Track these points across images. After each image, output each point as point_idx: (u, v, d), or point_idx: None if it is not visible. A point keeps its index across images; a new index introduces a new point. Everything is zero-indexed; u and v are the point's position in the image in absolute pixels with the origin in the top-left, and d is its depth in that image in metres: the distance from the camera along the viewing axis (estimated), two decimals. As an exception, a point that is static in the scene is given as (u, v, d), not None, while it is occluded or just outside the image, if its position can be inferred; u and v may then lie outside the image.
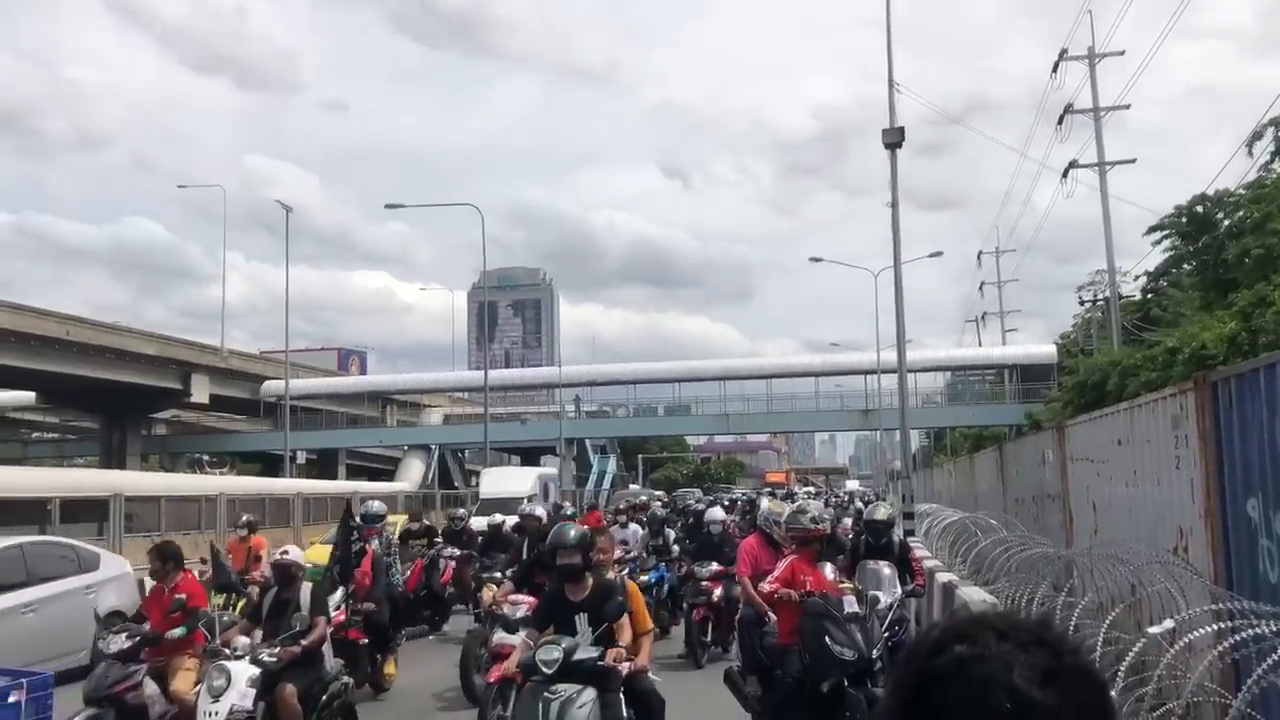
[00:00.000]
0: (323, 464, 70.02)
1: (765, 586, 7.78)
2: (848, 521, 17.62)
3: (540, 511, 13.26)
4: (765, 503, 12.08)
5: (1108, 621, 6.20)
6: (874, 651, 7.11)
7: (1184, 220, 31.29)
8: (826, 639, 7.00)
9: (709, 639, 12.44)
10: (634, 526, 15.88)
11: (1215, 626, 4.80)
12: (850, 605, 7.30)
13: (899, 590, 9.29)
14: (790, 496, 39.82)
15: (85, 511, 22.67)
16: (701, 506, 16.26)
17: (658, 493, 47.35)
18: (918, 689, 1.15)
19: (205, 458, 79.80)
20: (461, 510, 20.67)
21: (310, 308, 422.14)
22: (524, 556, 11.31)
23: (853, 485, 75.63)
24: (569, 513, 16.53)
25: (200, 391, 62.73)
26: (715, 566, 12.83)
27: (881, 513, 10.51)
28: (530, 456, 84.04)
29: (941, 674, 1.13)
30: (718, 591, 12.47)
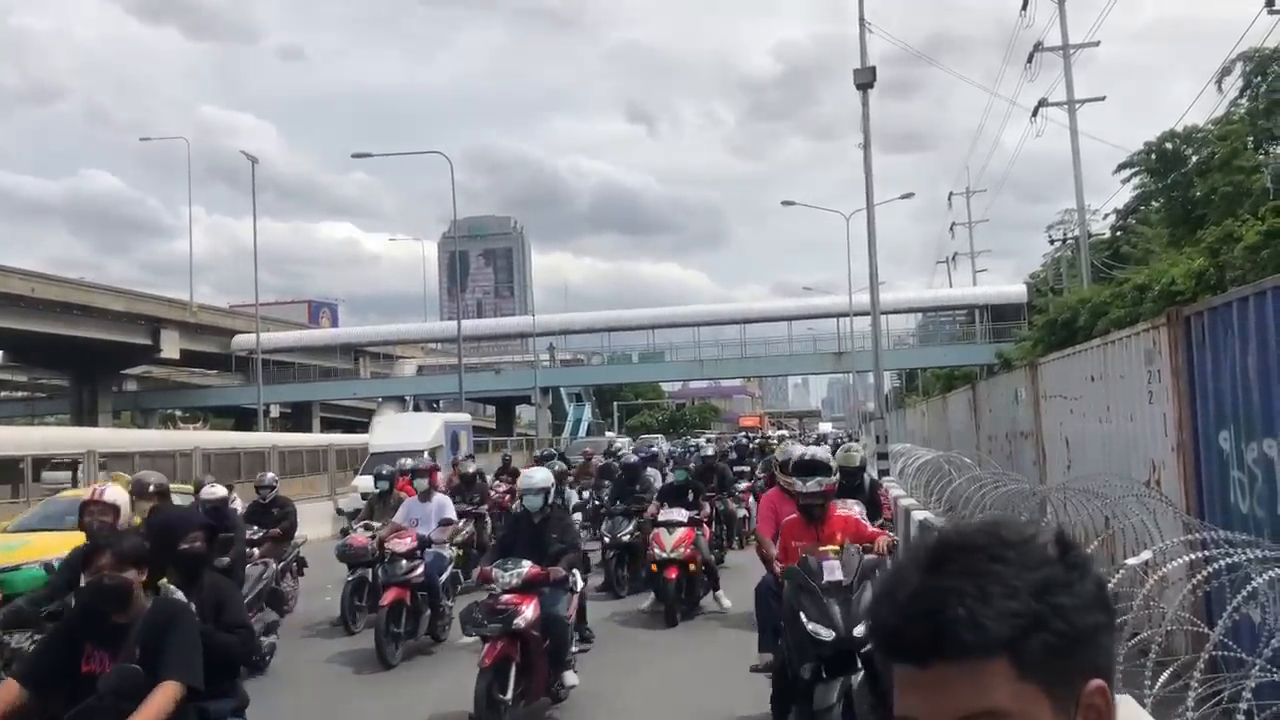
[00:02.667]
0: (296, 417, 69.74)
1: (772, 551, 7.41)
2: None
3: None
4: (791, 446, 12.18)
5: (1084, 555, 6.27)
6: (858, 629, 5.69)
7: (1153, 157, 31.43)
8: (802, 615, 5.92)
9: (626, 574, 13.03)
10: (652, 470, 16.23)
11: (1190, 557, 4.88)
12: (832, 572, 6.06)
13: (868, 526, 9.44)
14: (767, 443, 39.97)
15: (59, 469, 22.56)
16: (636, 458, 15.51)
17: (619, 440, 47.36)
18: (911, 596, 1.07)
19: (178, 413, 79.35)
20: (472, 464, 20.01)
21: (276, 260, 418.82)
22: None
23: (826, 428, 76.11)
24: (471, 469, 16.24)
25: (170, 347, 62.17)
26: (621, 506, 13.53)
27: (853, 458, 10.37)
28: (505, 406, 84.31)
29: (936, 585, 1.06)
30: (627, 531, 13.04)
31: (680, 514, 11.57)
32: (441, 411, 38.09)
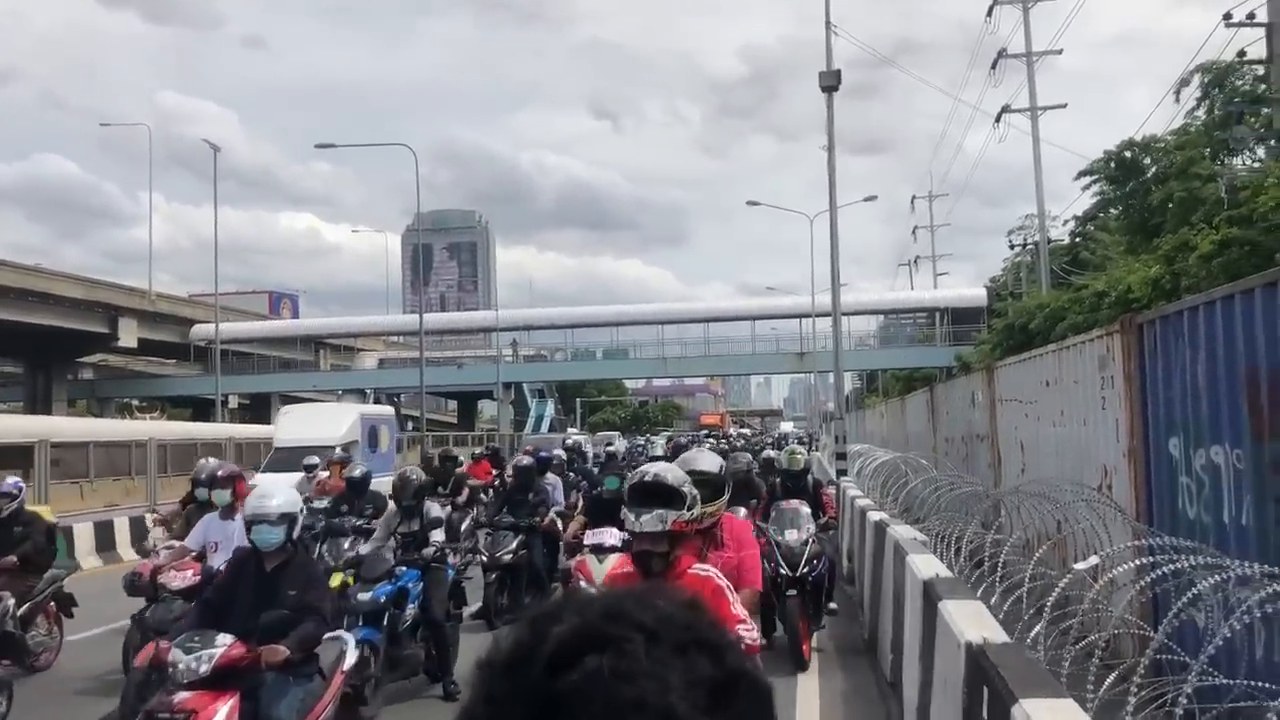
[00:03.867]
0: (255, 408, 69.06)
1: None
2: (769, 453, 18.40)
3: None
4: (774, 452, 12.27)
5: (1035, 558, 6.37)
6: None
7: (1112, 166, 31.79)
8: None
9: (506, 600, 11.18)
10: (552, 477, 13.63)
11: (1137, 562, 4.96)
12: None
13: (813, 526, 9.44)
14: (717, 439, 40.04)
15: (10, 458, 22.18)
16: (529, 460, 13.17)
17: (577, 434, 47.30)
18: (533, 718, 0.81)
19: (134, 402, 78.36)
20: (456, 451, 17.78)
21: (236, 249, 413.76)
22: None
23: (787, 427, 76.60)
24: (359, 473, 12.28)
25: (128, 335, 61.32)
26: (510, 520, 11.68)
27: (796, 461, 10.52)
28: (467, 401, 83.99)
29: (570, 697, 0.79)
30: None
31: (612, 535, 8.72)
32: (372, 405, 33.14)
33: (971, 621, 4.63)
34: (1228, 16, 18.41)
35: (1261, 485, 5.92)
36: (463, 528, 13.15)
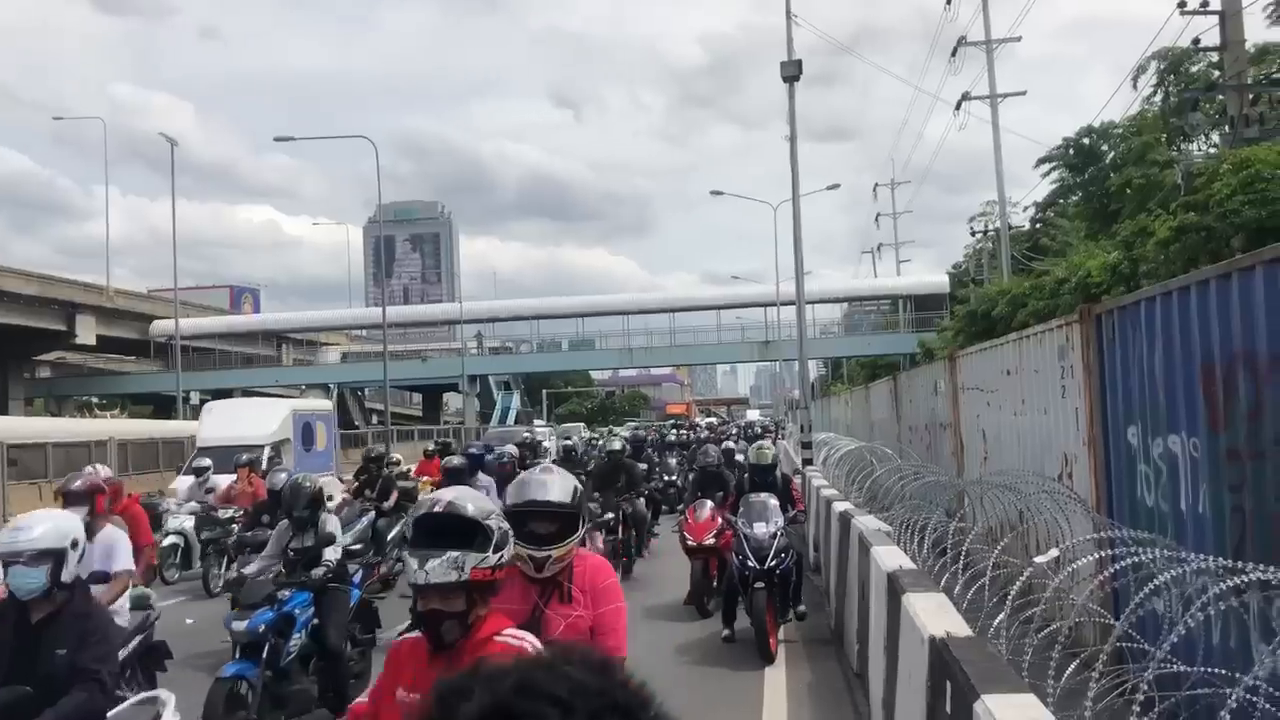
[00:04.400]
0: (217, 405, 68.32)
1: None
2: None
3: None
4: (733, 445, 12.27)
5: (999, 548, 6.43)
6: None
7: (1071, 152, 32.15)
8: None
9: None
10: (485, 478, 12.18)
11: (1098, 555, 5.01)
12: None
13: (781, 519, 9.50)
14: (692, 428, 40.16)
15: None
16: (457, 462, 11.88)
17: (542, 426, 47.10)
18: None
19: (94, 400, 77.35)
20: (396, 455, 17.39)
21: (195, 244, 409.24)
22: None
23: (753, 415, 76.81)
24: (282, 481, 9.82)
25: (86, 332, 60.48)
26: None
27: (765, 455, 10.64)
28: (432, 394, 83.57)
29: None
30: None
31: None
32: (308, 398, 28.14)
33: (935, 615, 4.66)
34: (1182, 4, 18.57)
35: (1217, 474, 6.00)
36: (390, 536, 12.66)
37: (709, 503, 11.47)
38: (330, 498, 10.82)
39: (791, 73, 19.69)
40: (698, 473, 13.17)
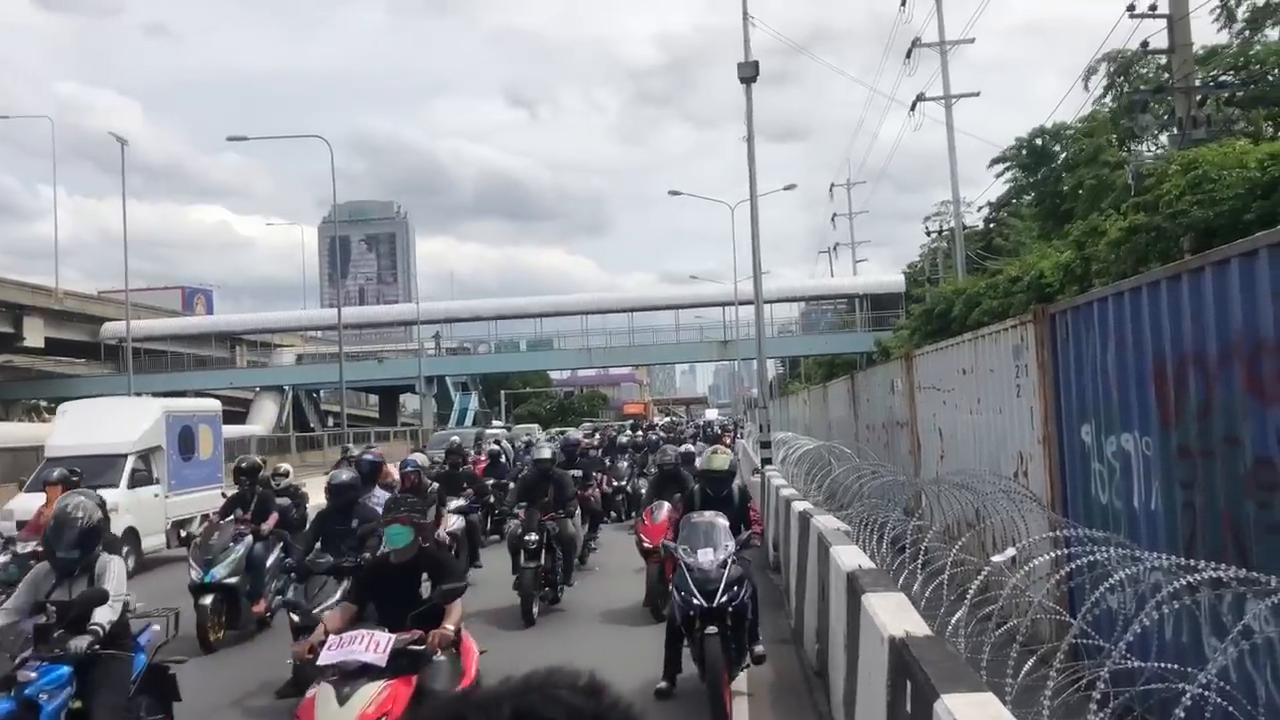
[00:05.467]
0: (170, 408, 67.45)
1: None
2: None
3: None
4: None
5: (956, 547, 6.48)
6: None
7: (1024, 153, 32.51)
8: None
9: None
10: (380, 493, 11.26)
11: (1054, 554, 5.07)
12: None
13: (732, 544, 7.68)
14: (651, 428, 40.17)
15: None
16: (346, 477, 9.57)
17: (501, 427, 46.84)
18: None
19: (43, 404, 75.93)
20: (284, 466, 14.51)
21: (145, 244, 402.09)
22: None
23: (712, 414, 76.94)
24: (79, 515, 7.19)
25: (34, 335, 59.42)
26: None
27: (720, 461, 8.98)
28: (389, 395, 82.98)
29: None
30: None
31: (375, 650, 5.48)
32: (191, 399, 22.83)
33: (894, 615, 4.69)
34: (1131, 8, 18.86)
35: (1169, 471, 6.09)
36: (268, 564, 10.84)
37: (666, 504, 11.32)
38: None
39: (749, 74, 19.75)
40: (655, 473, 12.90)
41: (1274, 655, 4.93)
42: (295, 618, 8.18)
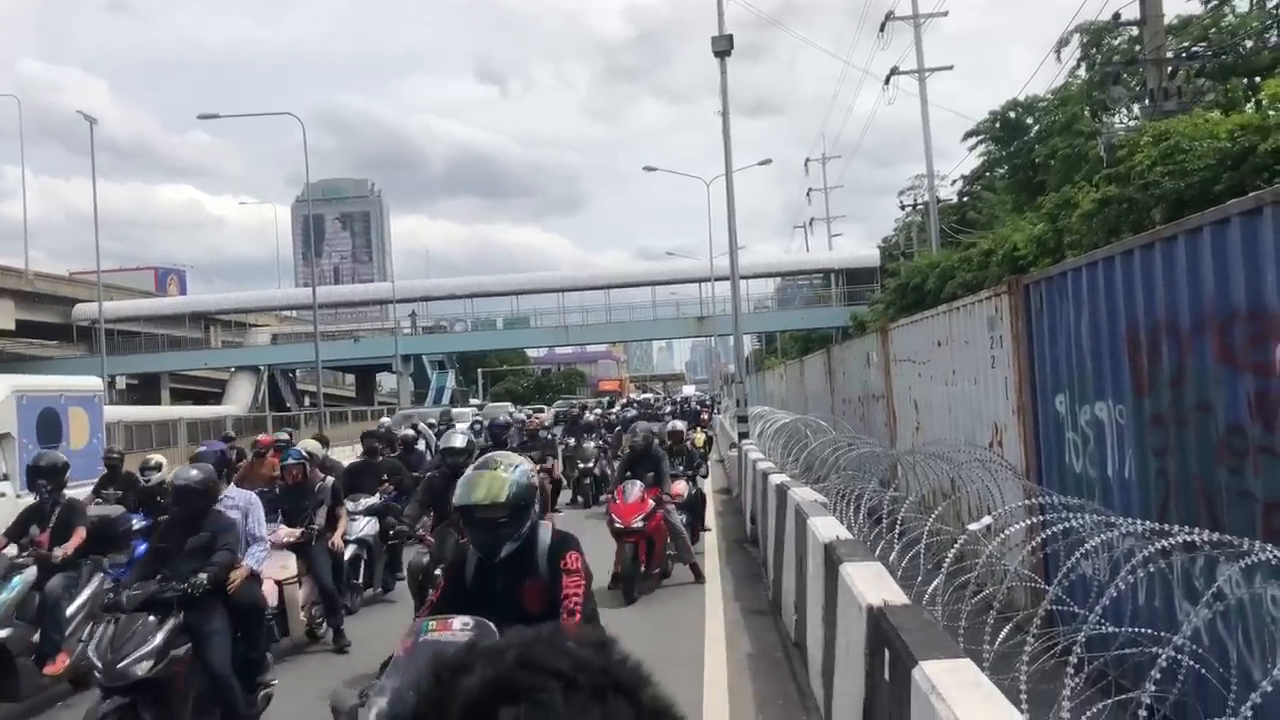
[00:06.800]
0: (144, 389, 66.98)
1: None
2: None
3: None
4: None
5: (932, 517, 6.53)
6: None
7: (997, 126, 32.56)
8: None
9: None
10: (236, 494, 8.38)
11: (1029, 521, 5.11)
12: None
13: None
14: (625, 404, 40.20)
15: None
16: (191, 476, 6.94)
17: (477, 405, 46.82)
18: None
19: (14, 387, 75.13)
20: (155, 457, 11.90)
21: (115, 224, 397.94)
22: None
23: (689, 390, 77.12)
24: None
25: (5, 317, 58.78)
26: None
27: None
28: (365, 374, 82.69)
29: None
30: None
31: None
32: (54, 377, 20.91)
33: (872, 584, 4.72)
34: (1103, -21, 18.91)
35: (1142, 439, 6.15)
36: (78, 602, 8.13)
37: (639, 483, 11.17)
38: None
39: (723, 47, 19.68)
40: (628, 452, 12.47)
41: (1245, 618, 5.00)
42: (99, 675, 5.76)
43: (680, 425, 14.60)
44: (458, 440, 9.32)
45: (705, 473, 15.08)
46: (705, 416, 30.66)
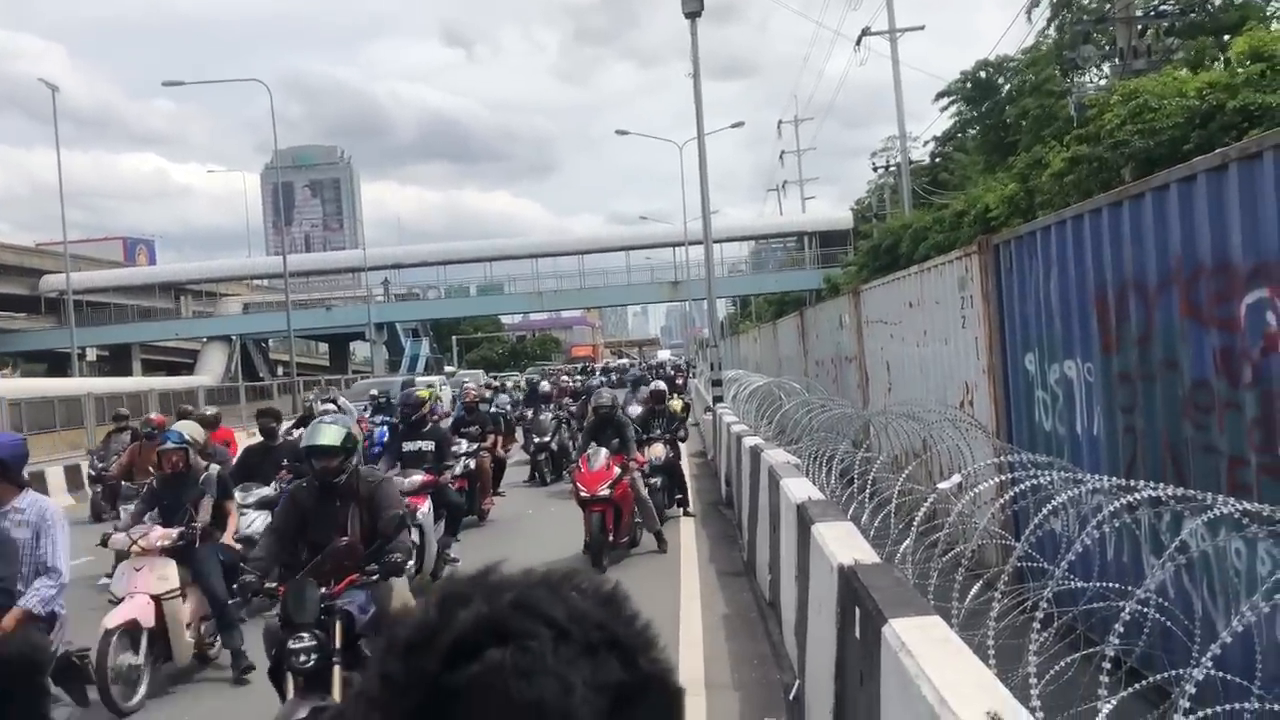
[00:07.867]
0: (115, 360, 66.42)
1: None
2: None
3: None
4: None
5: (903, 476, 6.57)
6: None
7: (969, 86, 32.58)
8: None
9: None
10: (47, 504, 6.34)
11: (998, 479, 5.15)
12: None
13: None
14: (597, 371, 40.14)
15: None
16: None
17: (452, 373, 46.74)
18: (420, 710, 0.75)
19: (-18, 359, 74.40)
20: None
21: (80, 194, 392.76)
22: None
23: (664, 354, 77.30)
24: None
25: (-31, 290, 58.15)
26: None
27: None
28: (339, 343, 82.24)
29: (466, 690, 0.74)
30: None
31: None
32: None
33: (843, 544, 4.76)
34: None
35: (1110, 397, 6.20)
36: None
37: (604, 450, 10.79)
38: None
39: (693, 8, 19.49)
40: (592, 419, 11.83)
41: (1210, 571, 5.07)
42: None
43: (662, 385, 14.50)
44: (325, 436, 5.75)
45: (684, 435, 14.95)
46: (680, 381, 30.11)
